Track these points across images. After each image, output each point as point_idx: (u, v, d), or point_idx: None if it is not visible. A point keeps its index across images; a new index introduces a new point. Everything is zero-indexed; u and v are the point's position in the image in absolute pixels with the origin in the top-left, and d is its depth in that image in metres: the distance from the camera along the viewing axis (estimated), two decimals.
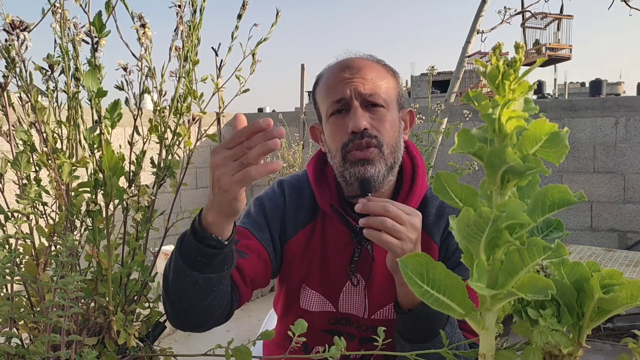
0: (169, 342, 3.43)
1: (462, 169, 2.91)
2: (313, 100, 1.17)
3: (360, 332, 1.15)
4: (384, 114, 1.06)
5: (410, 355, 0.79)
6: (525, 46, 4.71)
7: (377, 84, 1.07)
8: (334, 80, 1.08)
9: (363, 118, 1.03)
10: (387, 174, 1.07)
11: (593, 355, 3.18)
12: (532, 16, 4.72)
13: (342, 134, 1.06)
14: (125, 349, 0.94)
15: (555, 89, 17.65)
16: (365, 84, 1.06)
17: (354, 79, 1.06)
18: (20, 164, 0.90)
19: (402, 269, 0.54)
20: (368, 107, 1.06)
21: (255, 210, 1.16)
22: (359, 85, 1.05)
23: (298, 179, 1.20)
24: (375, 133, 1.04)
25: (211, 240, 0.86)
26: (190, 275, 0.89)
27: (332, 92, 1.08)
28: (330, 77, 1.10)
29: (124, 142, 1.00)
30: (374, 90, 1.06)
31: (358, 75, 1.06)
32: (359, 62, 1.09)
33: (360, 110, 1.04)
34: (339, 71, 1.09)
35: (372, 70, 1.08)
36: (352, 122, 1.03)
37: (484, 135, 0.53)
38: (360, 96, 1.05)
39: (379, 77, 1.08)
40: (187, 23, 0.96)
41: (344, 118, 1.06)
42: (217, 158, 0.81)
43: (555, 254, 0.51)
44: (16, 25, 0.84)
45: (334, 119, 1.08)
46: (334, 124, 1.08)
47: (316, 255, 1.15)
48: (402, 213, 0.90)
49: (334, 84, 1.08)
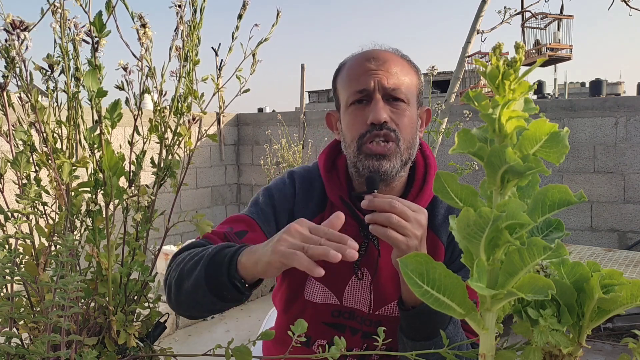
0: (169, 342, 3.43)
1: (462, 169, 2.90)
2: (333, 87, 1.16)
3: (363, 326, 1.15)
4: (404, 109, 1.06)
5: (410, 355, 0.79)
6: (525, 46, 4.70)
7: (400, 78, 1.07)
8: (358, 70, 1.08)
9: (384, 111, 1.04)
10: (400, 170, 1.07)
11: (593, 355, 3.18)
12: (532, 16, 4.71)
13: (360, 125, 1.06)
14: (125, 349, 0.94)
15: (555, 89, 17.64)
16: (389, 77, 1.06)
17: (378, 70, 1.06)
18: (20, 163, 0.90)
19: (402, 269, 0.54)
20: (389, 100, 1.06)
21: (263, 200, 1.16)
22: (383, 78, 1.05)
23: (309, 171, 1.20)
24: (394, 127, 1.05)
25: (237, 282, 0.86)
26: (209, 298, 0.89)
27: (355, 82, 1.08)
28: (354, 65, 1.10)
29: (124, 142, 1.00)
30: (397, 84, 1.06)
31: (383, 67, 1.06)
32: (384, 54, 1.09)
33: (382, 103, 1.04)
34: (363, 60, 1.08)
35: (396, 65, 1.08)
36: (372, 113, 1.03)
37: (484, 135, 0.53)
38: (383, 89, 1.05)
39: (403, 72, 1.08)
40: (188, 23, 0.96)
41: (364, 109, 1.06)
42: (294, 227, 0.81)
43: (555, 254, 0.51)
44: (16, 25, 0.84)
45: (354, 109, 1.08)
46: (353, 114, 1.08)
47: None
48: (407, 209, 0.91)
49: (357, 74, 1.08)
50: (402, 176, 1.11)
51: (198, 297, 0.92)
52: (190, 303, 0.95)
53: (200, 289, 0.90)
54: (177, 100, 0.98)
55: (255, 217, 1.12)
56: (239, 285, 0.86)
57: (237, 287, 0.86)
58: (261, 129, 6.23)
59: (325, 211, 1.16)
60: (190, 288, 0.92)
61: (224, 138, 6.15)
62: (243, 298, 0.90)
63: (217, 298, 0.89)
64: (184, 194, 5.73)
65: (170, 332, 3.60)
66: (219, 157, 6.18)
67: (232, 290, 0.86)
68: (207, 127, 1.04)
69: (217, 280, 0.88)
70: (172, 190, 1.03)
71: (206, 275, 0.89)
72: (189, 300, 0.95)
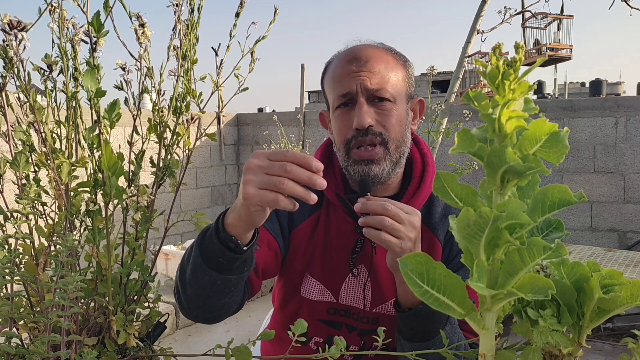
0: (169, 342, 3.43)
1: (462, 169, 2.90)
2: (322, 88, 1.16)
3: (360, 324, 1.15)
4: (390, 109, 1.05)
5: (410, 355, 0.79)
6: (525, 46, 4.71)
7: (385, 77, 1.05)
8: (341, 73, 1.07)
9: (368, 115, 1.02)
10: (393, 170, 1.06)
11: (593, 355, 3.18)
12: (533, 16, 4.71)
13: (346, 129, 1.05)
14: (125, 349, 0.94)
15: (555, 89, 17.65)
16: (372, 77, 1.04)
17: (360, 72, 1.04)
18: (19, 164, 0.90)
19: (402, 269, 0.53)
20: (374, 101, 1.04)
21: None
22: (366, 80, 1.03)
23: None
24: (380, 130, 1.04)
25: (230, 243, 0.86)
26: (209, 275, 0.89)
27: (338, 85, 1.07)
28: (337, 68, 1.09)
29: (124, 141, 1.00)
30: (381, 84, 1.04)
31: (365, 68, 1.04)
32: (367, 52, 1.07)
33: (366, 107, 1.03)
34: (346, 62, 1.07)
35: (380, 62, 1.06)
36: (356, 119, 1.02)
37: (484, 135, 0.53)
38: (367, 91, 1.03)
39: (388, 69, 1.06)
40: (185, 22, 0.96)
41: (349, 112, 1.05)
42: (253, 162, 0.78)
43: (555, 254, 0.51)
44: (14, 25, 0.84)
45: (340, 112, 1.07)
46: (340, 118, 1.07)
47: (319, 243, 1.15)
48: (401, 212, 0.90)
49: (340, 77, 1.07)
50: (398, 173, 1.10)
51: (200, 281, 0.90)
52: (196, 292, 0.93)
53: (199, 268, 0.89)
54: (176, 100, 0.98)
55: None
56: (233, 245, 0.85)
57: (231, 249, 0.85)
58: (261, 129, 6.23)
59: (322, 208, 1.15)
60: (191, 274, 0.92)
61: (224, 138, 6.15)
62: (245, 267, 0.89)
63: (217, 272, 0.88)
64: (184, 193, 5.73)
65: (170, 332, 3.60)
66: (219, 157, 6.18)
67: (228, 253, 0.85)
68: (206, 127, 1.04)
69: (211, 250, 0.87)
70: (171, 190, 1.02)
71: (201, 253, 0.89)
72: (194, 290, 0.93)
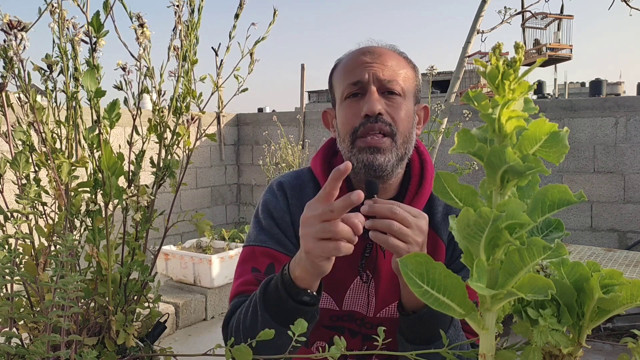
0: (169, 342, 3.43)
1: (462, 169, 2.90)
2: (329, 85, 1.15)
3: (362, 329, 1.13)
4: (400, 103, 1.04)
5: (410, 356, 0.79)
6: (525, 46, 4.71)
7: (396, 71, 1.05)
8: (353, 63, 1.07)
9: (379, 102, 1.02)
10: (397, 165, 1.05)
11: (593, 355, 3.18)
12: (532, 16, 4.71)
13: (355, 118, 1.04)
14: (125, 349, 0.94)
15: (555, 89, 17.64)
16: (385, 70, 1.04)
17: (373, 63, 1.05)
18: (20, 164, 0.90)
19: (402, 269, 0.53)
20: (385, 93, 1.04)
21: (267, 223, 1.12)
22: (378, 71, 1.04)
23: (297, 177, 1.17)
24: (390, 120, 1.03)
25: (305, 296, 0.85)
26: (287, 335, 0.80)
27: (349, 75, 1.06)
28: (349, 60, 1.09)
29: (124, 142, 1.00)
30: (392, 77, 1.04)
31: (378, 60, 1.05)
32: (380, 49, 1.09)
33: (377, 95, 1.03)
34: (359, 54, 1.08)
35: (392, 59, 1.07)
36: (367, 105, 1.01)
37: (484, 135, 0.53)
38: (379, 81, 1.03)
39: (399, 66, 1.07)
40: (186, 22, 0.96)
41: (358, 102, 1.04)
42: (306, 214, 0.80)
43: (555, 254, 0.51)
44: (14, 25, 0.84)
45: (349, 102, 1.06)
46: (348, 107, 1.06)
47: None
48: (408, 215, 0.88)
49: (352, 67, 1.07)
50: (399, 173, 1.09)
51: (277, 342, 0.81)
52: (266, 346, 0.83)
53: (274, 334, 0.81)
54: (176, 100, 0.98)
55: (272, 245, 1.09)
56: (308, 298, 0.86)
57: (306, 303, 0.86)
58: (261, 129, 6.23)
59: None
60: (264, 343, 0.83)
61: (224, 138, 6.15)
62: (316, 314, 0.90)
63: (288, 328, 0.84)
64: (184, 194, 5.73)
65: (170, 332, 3.60)
66: (219, 157, 6.18)
67: (307, 309, 0.86)
68: (206, 127, 1.04)
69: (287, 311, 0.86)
70: (171, 190, 1.02)
71: (272, 317, 0.88)
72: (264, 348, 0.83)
